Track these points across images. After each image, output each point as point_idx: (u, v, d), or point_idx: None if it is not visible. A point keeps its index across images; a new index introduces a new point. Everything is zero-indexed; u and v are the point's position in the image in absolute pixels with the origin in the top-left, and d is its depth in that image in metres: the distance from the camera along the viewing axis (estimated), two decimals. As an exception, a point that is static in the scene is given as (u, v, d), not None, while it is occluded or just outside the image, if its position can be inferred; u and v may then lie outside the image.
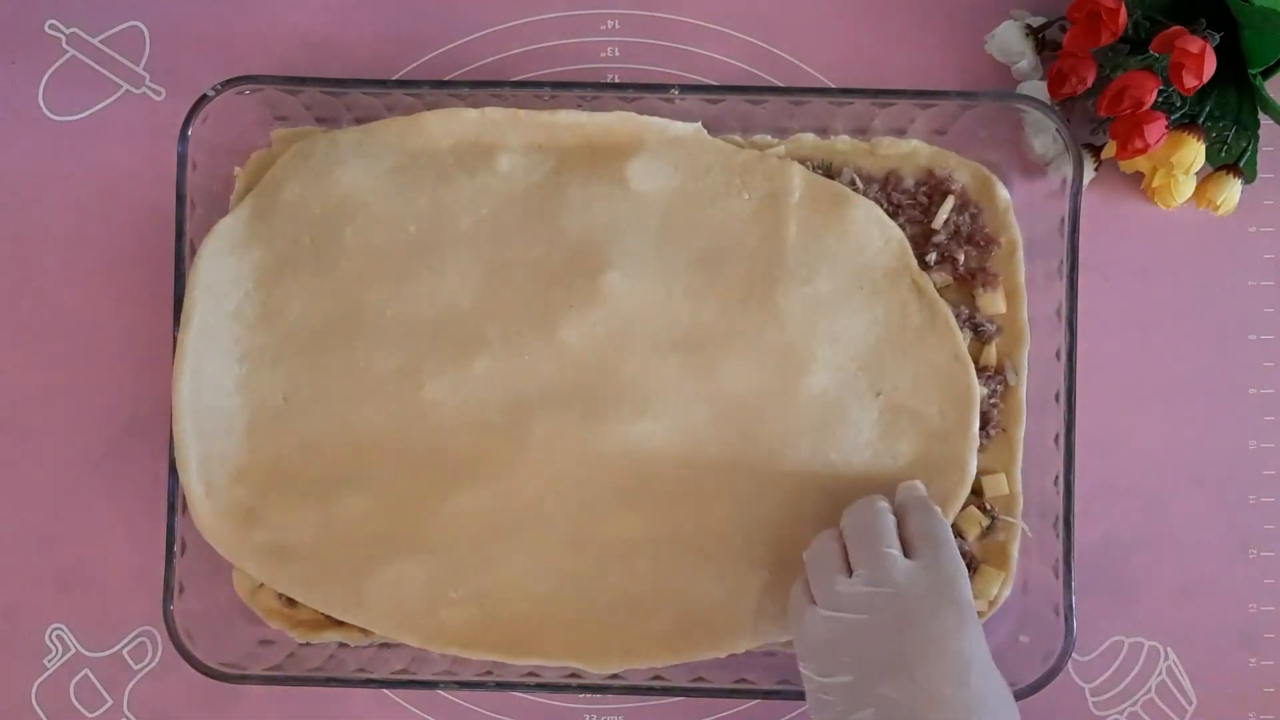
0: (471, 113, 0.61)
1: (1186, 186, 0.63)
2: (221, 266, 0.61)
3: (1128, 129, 0.60)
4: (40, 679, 0.65)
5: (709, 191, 0.61)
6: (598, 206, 0.61)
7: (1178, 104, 0.61)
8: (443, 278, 0.61)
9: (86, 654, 0.65)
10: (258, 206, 0.62)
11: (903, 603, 0.52)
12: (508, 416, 0.60)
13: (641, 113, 0.62)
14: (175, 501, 0.61)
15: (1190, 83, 0.58)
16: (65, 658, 0.65)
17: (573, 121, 0.62)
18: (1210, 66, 0.58)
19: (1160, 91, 0.60)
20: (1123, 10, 0.59)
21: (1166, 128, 0.60)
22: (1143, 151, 0.60)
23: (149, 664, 0.65)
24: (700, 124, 0.62)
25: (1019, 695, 0.59)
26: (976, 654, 0.52)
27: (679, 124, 0.62)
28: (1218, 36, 0.58)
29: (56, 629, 0.65)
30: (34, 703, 0.65)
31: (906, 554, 0.54)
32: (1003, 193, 0.63)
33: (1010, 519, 0.62)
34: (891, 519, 0.56)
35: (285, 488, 0.61)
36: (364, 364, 0.61)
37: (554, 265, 0.61)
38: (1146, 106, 0.59)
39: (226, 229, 0.62)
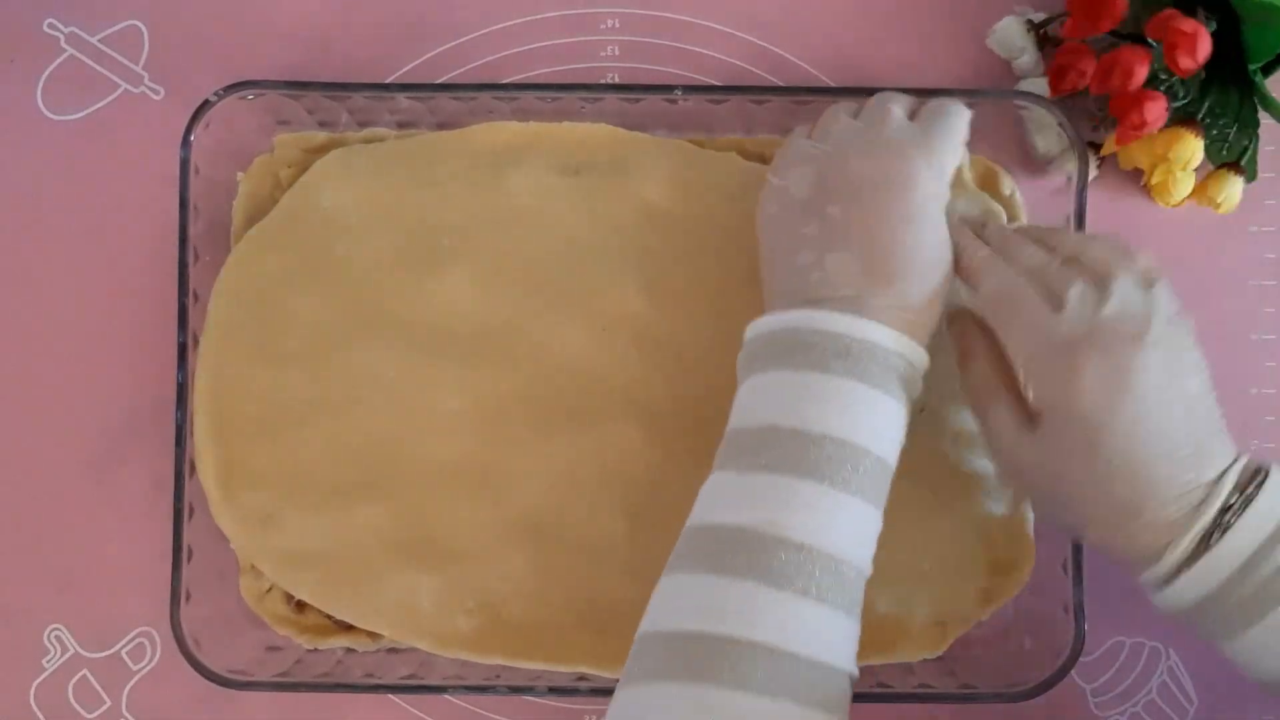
0: (515, 125, 0.62)
1: (1185, 183, 0.63)
2: (250, 270, 0.62)
3: (1125, 106, 0.60)
4: (39, 679, 0.65)
5: (742, 215, 0.61)
6: (630, 227, 0.62)
7: (1180, 95, 0.61)
8: (472, 291, 0.61)
9: (85, 654, 0.65)
10: (292, 211, 0.62)
11: (882, 142, 0.53)
12: (528, 428, 0.60)
13: (644, 114, 0.62)
14: (182, 506, 0.60)
15: (1185, 64, 0.57)
16: (64, 658, 0.65)
17: (610, 138, 0.62)
18: (1205, 47, 0.57)
19: (1161, 81, 0.60)
20: None
21: (1167, 109, 0.60)
22: (1140, 129, 0.59)
23: (148, 664, 0.65)
24: (734, 154, 0.63)
25: (1028, 695, 0.59)
26: (931, 199, 0.52)
27: (711, 152, 0.62)
28: (1214, 21, 0.58)
29: (55, 629, 0.65)
30: (32, 703, 0.65)
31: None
32: (1009, 182, 0.63)
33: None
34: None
35: (304, 494, 0.61)
36: (389, 374, 0.61)
37: (582, 282, 0.61)
38: (1138, 80, 0.59)
39: (260, 233, 0.62)
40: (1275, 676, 0.51)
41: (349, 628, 0.62)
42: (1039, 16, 0.64)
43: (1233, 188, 0.63)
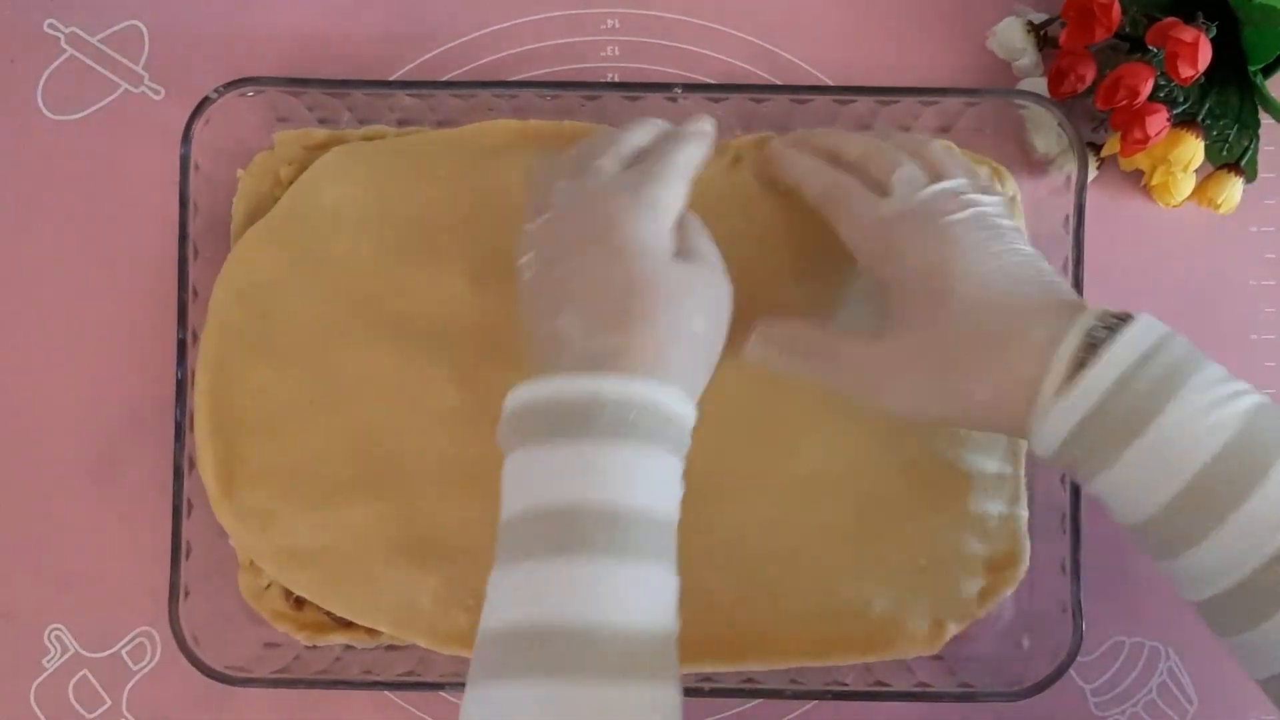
0: (515, 124, 0.62)
1: (1185, 184, 0.63)
2: (250, 267, 0.62)
3: (1128, 120, 0.60)
4: (39, 679, 0.65)
5: (740, 213, 0.62)
6: None
7: (1180, 100, 0.61)
8: (472, 288, 0.61)
9: (85, 654, 0.65)
10: (294, 209, 0.62)
11: (600, 195, 0.53)
12: None
13: (644, 114, 0.62)
14: (181, 504, 0.60)
15: (1186, 72, 0.58)
16: (64, 658, 0.65)
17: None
18: (1205, 55, 0.58)
19: (1161, 88, 0.60)
20: (1116, 5, 0.59)
21: (1169, 119, 0.60)
22: (1143, 144, 0.60)
23: (148, 664, 0.65)
24: (734, 152, 0.62)
25: (1026, 694, 0.59)
26: (651, 245, 0.51)
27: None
28: (1214, 27, 0.58)
29: (55, 629, 0.65)
30: (32, 703, 0.65)
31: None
32: (1012, 184, 0.63)
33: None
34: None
35: (303, 491, 0.61)
36: (389, 371, 0.61)
37: None
38: (1143, 97, 0.59)
39: (261, 230, 0.62)
40: (1142, 518, 0.49)
41: (348, 624, 0.62)
42: (1039, 17, 0.64)
43: (1233, 188, 0.63)
